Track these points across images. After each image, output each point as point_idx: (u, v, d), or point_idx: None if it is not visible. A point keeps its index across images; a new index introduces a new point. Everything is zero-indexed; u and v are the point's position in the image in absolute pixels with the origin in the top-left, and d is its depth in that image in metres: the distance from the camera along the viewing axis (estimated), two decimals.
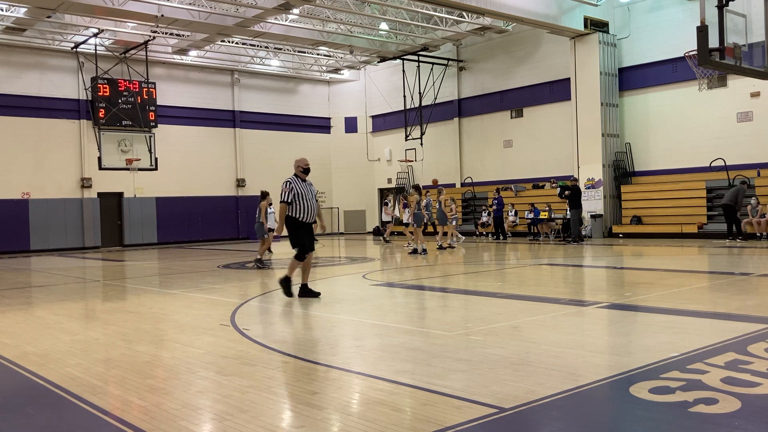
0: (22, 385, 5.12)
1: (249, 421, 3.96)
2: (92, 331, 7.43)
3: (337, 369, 5.22)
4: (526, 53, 25.25)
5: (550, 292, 9.48)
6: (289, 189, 8.82)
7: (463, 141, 28.01)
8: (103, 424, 4.08)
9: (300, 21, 23.61)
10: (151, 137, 24.58)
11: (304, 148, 31.35)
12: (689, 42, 13.38)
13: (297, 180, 8.95)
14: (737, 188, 17.87)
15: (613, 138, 22.16)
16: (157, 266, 17.08)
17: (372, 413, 4.03)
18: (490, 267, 13.86)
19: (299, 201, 8.82)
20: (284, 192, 8.85)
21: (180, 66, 27.82)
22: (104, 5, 18.77)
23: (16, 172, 24.11)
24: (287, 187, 8.85)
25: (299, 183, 8.92)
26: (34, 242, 24.30)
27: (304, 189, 8.89)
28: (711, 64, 11.07)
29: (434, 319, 7.56)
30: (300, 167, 9.07)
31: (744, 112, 19.67)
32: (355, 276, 12.50)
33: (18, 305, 9.80)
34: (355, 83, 32.41)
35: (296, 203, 8.81)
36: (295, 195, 8.81)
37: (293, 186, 8.84)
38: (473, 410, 3.97)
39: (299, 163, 9.13)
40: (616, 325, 6.80)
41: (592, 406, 4.16)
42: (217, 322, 7.51)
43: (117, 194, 26.22)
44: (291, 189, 8.81)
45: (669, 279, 10.39)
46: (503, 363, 5.11)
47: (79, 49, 24.69)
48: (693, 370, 4.69)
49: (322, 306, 9.09)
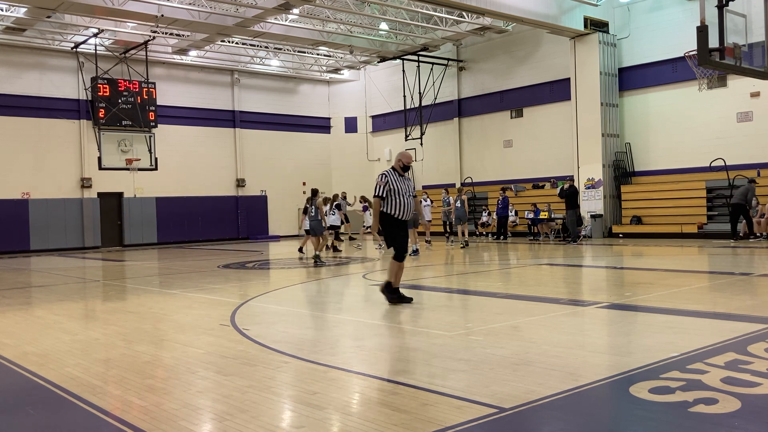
0: (22, 385, 5.12)
1: (249, 421, 3.96)
2: (92, 331, 7.43)
3: (337, 369, 5.21)
4: (526, 53, 25.25)
5: (550, 292, 9.48)
6: (383, 183, 8.09)
7: (463, 141, 28.01)
8: (103, 424, 4.08)
9: (300, 21, 23.61)
10: (151, 137, 24.58)
11: (304, 148, 31.40)
12: (689, 42, 13.38)
13: (393, 174, 8.21)
14: (746, 187, 17.82)
15: (613, 138, 22.16)
16: (157, 266, 17.08)
17: (372, 413, 4.03)
18: (490, 267, 13.86)
19: (394, 197, 8.10)
20: (379, 186, 8.14)
21: (180, 66, 27.82)
22: (104, 5, 18.77)
23: (16, 172, 24.11)
24: (382, 180, 8.13)
25: (395, 177, 8.18)
26: (34, 242, 24.30)
27: (400, 184, 8.16)
28: (711, 64, 11.07)
29: (434, 319, 7.56)
30: (401, 162, 8.32)
31: (744, 112, 19.67)
32: (355, 276, 12.49)
33: (18, 305, 9.80)
34: (355, 83, 32.41)
35: (391, 199, 8.11)
36: (390, 190, 8.09)
37: (389, 180, 8.11)
38: (473, 410, 3.97)
39: (401, 158, 8.38)
40: (616, 325, 6.80)
41: (592, 406, 4.16)
42: (217, 322, 7.50)
43: (117, 194, 26.22)
44: (386, 183, 8.09)
45: (669, 279, 10.39)
46: (503, 363, 5.11)
47: (79, 49, 24.69)
48: (693, 370, 4.69)
49: (322, 306, 9.10)
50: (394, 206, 8.13)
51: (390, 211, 8.15)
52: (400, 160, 8.34)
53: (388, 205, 8.14)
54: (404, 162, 8.32)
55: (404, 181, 8.25)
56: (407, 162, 8.36)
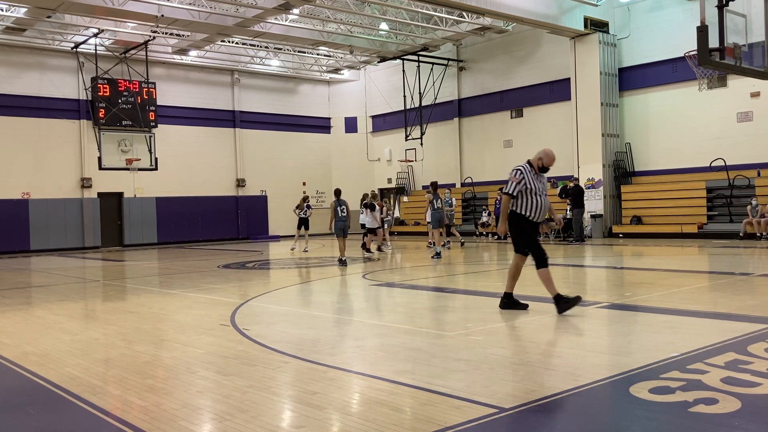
0: (22, 385, 5.12)
1: (249, 421, 3.96)
2: (92, 331, 7.43)
3: (337, 369, 5.21)
4: (526, 53, 25.25)
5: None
6: (517, 180, 7.32)
7: (463, 141, 28.01)
8: (103, 424, 4.08)
9: (300, 21, 23.61)
10: (151, 137, 24.58)
11: (304, 148, 31.40)
12: (689, 42, 13.37)
13: (530, 171, 7.41)
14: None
15: (613, 138, 22.16)
16: (157, 266, 17.08)
17: (372, 413, 4.03)
18: (490, 267, 13.86)
19: (527, 196, 7.36)
20: (511, 183, 7.38)
21: (180, 66, 27.82)
22: (104, 5, 18.77)
23: (16, 172, 24.11)
24: (517, 176, 7.35)
25: (531, 175, 7.38)
26: (34, 242, 24.30)
27: (535, 183, 7.38)
28: (711, 64, 11.06)
29: (434, 319, 7.56)
30: (541, 161, 7.46)
31: (744, 112, 19.67)
32: (355, 276, 12.49)
33: (18, 305, 9.80)
34: (355, 83, 32.42)
35: (523, 198, 7.36)
36: (523, 189, 7.34)
37: (524, 177, 7.34)
38: (473, 410, 3.97)
39: (543, 158, 7.47)
40: (616, 325, 6.80)
41: (592, 406, 4.16)
42: (217, 322, 7.50)
43: (117, 194, 26.22)
44: (520, 181, 7.32)
45: (669, 279, 10.39)
46: (503, 363, 5.11)
47: (79, 49, 24.69)
48: (693, 370, 4.68)
49: (322, 306, 9.09)
50: (527, 206, 7.37)
51: (522, 211, 7.39)
52: (540, 159, 7.46)
53: (521, 204, 7.39)
54: (545, 163, 7.47)
55: (539, 179, 7.49)
56: (548, 164, 7.50)
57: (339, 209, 14.82)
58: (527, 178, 7.34)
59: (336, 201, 14.93)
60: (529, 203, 7.37)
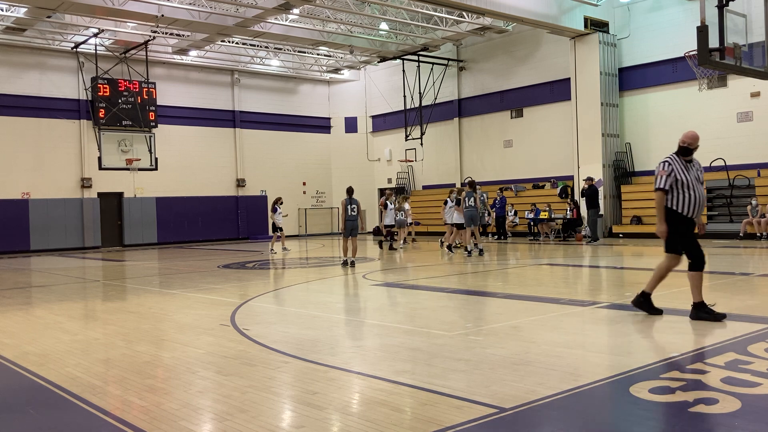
0: (22, 385, 5.12)
1: (249, 421, 3.96)
2: (92, 331, 7.43)
3: (337, 369, 5.21)
4: (526, 53, 25.25)
5: (550, 292, 9.48)
6: (667, 173, 6.68)
7: (463, 141, 28.00)
8: (103, 424, 4.08)
9: (300, 21, 23.60)
10: (151, 137, 24.57)
11: (304, 148, 31.40)
12: (689, 42, 13.37)
13: (678, 161, 6.74)
14: None
15: (613, 138, 22.16)
16: (157, 266, 17.07)
17: (372, 413, 4.03)
18: (490, 267, 13.86)
19: (679, 190, 6.70)
20: (660, 177, 6.73)
21: (180, 66, 27.82)
22: (104, 5, 18.77)
23: (16, 172, 24.11)
24: (665, 168, 6.71)
25: (681, 166, 6.71)
26: (34, 242, 24.29)
27: (688, 175, 6.69)
28: (711, 64, 11.06)
29: (434, 319, 7.56)
30: (684, 143, 6.77)
31: (744, 112, 19.67)
32: (355, 276, 12.49)
33: (18, 305, 9.80)
34: (355, 83, 32.41)
35: (674, 192, 6.72)
36: (674, 182, 6.70)
37: (673, 169, 6.68)
38: (473, 410, 3.97)
39: (684, 137, 6.79)
40: (616, 325, 6.80)
41: (592, 406, 4.16)
42: (217, 322, 7.50)
43: (117, 194, 26.21)
44: (670, 173, 6.67)
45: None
46: (503, 363, 5.11)
47: (79, 49, 24.68)
48: (693, 370, 4.69)
49: (322, 306, 9.09)
50: (680, 201, 6.72)
51: (676, 206, 6.74)
52: (684, 141, 6.77)
53: (673, 199, 6.75)
54: (686, 142, 6.74)
55: (692, 169, 6.77)
56: (689, 142, 6.74)
57: (350, 208, 14.12)
58: (677, 170, 6.70)
59: (347, 199, 14.21)
60: (681, 198, 6.73)
